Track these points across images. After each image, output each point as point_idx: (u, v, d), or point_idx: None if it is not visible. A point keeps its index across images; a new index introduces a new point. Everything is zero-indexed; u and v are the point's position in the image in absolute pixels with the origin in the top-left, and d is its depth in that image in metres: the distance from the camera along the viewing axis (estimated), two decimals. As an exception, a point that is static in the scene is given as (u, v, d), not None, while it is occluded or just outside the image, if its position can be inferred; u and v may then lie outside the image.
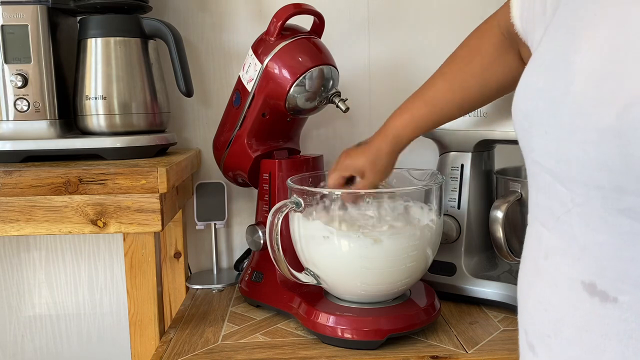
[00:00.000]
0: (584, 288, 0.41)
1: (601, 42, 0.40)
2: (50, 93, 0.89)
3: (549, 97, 0.42)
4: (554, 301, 0.44)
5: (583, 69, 0.40)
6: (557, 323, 0.44)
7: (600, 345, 0.40)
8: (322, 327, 0.79)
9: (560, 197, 0.42)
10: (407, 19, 1.13)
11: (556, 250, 0.44)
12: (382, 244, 0.75)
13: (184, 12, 1.11)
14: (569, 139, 0.39)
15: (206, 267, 1.17)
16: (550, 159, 0.42)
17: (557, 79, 0.42)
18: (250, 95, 0.91)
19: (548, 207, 0.45)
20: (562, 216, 0.43)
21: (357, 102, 1.12)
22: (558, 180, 0.42)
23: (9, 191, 0.77)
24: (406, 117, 0.77)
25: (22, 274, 1.17)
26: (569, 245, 0.42)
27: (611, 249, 0.39)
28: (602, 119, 0.37)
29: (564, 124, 0.40)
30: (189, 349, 0.80)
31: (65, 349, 1.19)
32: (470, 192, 0.93)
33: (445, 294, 0.93)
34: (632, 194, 0.36)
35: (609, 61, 0.38)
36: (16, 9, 0.86)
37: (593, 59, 0.39)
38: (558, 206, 0.43)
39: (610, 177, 0.37)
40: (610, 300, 0.39)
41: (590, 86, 0.38)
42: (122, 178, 0.78)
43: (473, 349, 0.77)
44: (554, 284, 0.44)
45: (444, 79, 0.76)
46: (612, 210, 0.38)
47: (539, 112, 0.43)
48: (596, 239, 0.40)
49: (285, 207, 0.76)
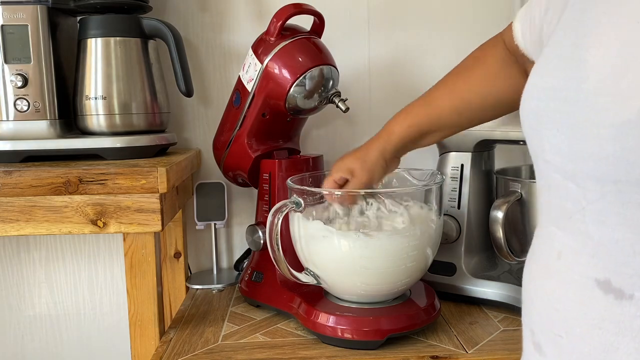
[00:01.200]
0: (598, 286, 0.41)
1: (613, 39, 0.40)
2: (50, 93, 0.89)
3: (560, 96, 0.42)
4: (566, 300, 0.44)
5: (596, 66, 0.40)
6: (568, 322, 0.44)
7: (614, 342, 0.40)
8: (322, 327, 0.79)
9: (573, 196, 0.42)
10: (407, 19, 1.13)
11: (569, 249, 0.44)
12: (382, 244, 0.75)
13: (184, 12, 1.11)
14: (583, 136, 0.39)
15: (206, 267, 1.17)
16: (562, 158, 0.42)
17: (568, 77, 0.42)
18: (250, 95, 0.91)
19: (560, 207, 0.45)
20: (575, 215, 0.43)
21: (357, 102, 1.12)
22: (570, 179, 0.42)
23: (9, 191, 0.77)
24: (401, 115, 0.77)
25: (22, 274, 1.17)
26: (583, 243, 0.42)
27: (628, 244, 0.39)
28: (619, 114, 0.37)
29: (578, 121, 0.40)
30: (189, 349, 0.80)
31: (65, 349, 1.19)
32: (470, 192, 0.93)
33: (445, 294, 0.93)
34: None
35: (623, 57, 0.38)
36: (16, 9, 0.86)
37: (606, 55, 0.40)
38: (570, 205, 0.43)
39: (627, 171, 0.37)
40: (626, 298, 0.39)
41: (606, 83, 0.39)
42: (122, 178, 0.78)
43: (473, 349, 0.77)
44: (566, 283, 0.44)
45: (445, 84, 0.76)
46: (627, 205, 0.38)
47: (550, 112, 0.43)
48: (612, 235, 0.40)
49: (285, 207, 0.76)
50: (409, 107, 0.77)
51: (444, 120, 0.76)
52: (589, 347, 0.42)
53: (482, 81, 0.73)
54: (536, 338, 0.48)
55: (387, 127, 0.77)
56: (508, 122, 0.87)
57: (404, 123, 0.76)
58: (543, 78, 0.46)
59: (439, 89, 0.76)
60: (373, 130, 0.81)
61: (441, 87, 0.76)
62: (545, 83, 0.45)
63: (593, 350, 0.42)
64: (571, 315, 0.44)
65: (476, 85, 0.73)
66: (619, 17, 0.40)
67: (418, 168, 0.90)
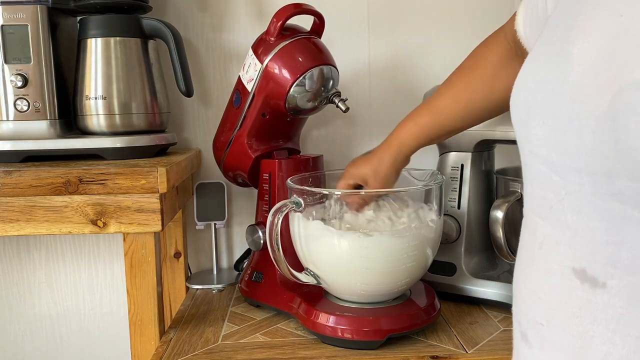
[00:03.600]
0: (575, 275, 0.42)
1: (598, 32, 0.41)
2: (50, 93, 0.89)
3: (547, 89, 0.43)
4: (547, 289, 0.45)
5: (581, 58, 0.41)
6: (549, 311, 0.45)
7: (590, 331, 0.41)
8: (322, 327, 0.79)
9: (554, 186, 0.43)
10: (407, 19, 1.13)
11: (550, 239, 0.45)
12: (382, 244, 0.76)
13: (184, 12, 1.11)
14: (566, 127, 0.40)
15: (206, 267, 1.17)
16: (546, 149, 0.43)
17: (555, 70, 0.43)
18: (250, 95, 0.91)
19: (542, 197, 0.46)
20: (555, 205, 0.44)
21: (357, 102, 1.12)
22: (553, 170, 0.43)
23: (9, 191, 0.77)
24: (410, 125, 0.78)
25: (22, 274, 1.17)
26: (562, 233, 0.43)
27: (601, 233, 0.40)
28: (598, 107, 0.38)
29: (562, 113, 0.41)
30: (189, 349, 0.80)
31: (65, 349, 1.19)
32: (470, 192, 0.93)
33: (445, 294, 0.93)
34: (623, 178, 0.37)
35: (605, 50, 0.39)
36: (16, 9, 0.86)
37: (590, 49, 0.40)
38: (552, 195, 0.44)
39: (603, 162, 0.38)
40: (599, 286, 0.40)
41: (588, 75, 0.40)
42: (122, 178, 0.78)
43: (473, 349, 0.77)
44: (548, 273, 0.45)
45: (448, 88, 0.76)
46: (603, 195, 0.39)
47: (538, 104, 0.44)
48: (587, 224, 0.41)
49: (285, 207, 0.76)
50: (416, 116, 0.78)
51: (449, 127, 0.77)
52: (569, 336, 0.43)
53: (484, 82, 0.73)
54: (523, 328, 0.49)
55: (397, 137, 0.78)
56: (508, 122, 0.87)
57: (412, 136, 0.77)
58: (533, 71, 0.46)
59: (443, 96, 0.76)
60: (373, 130, 0.81)
61: (444, 94, 0.76)
62: (534, 75, 0.46)
63: (572, 339, 0.43)
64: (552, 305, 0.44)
65: (478, 88, 0.74)
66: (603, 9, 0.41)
67: (418, 168, 0.90)
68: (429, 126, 0.77)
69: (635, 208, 0.37)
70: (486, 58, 0.74)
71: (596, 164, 0.39)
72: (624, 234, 0.39)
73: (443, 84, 0.77)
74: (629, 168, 0.36)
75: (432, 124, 0.77)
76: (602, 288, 0.40)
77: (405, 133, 0.78)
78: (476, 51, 0.76)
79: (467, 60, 0.76)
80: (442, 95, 0.76)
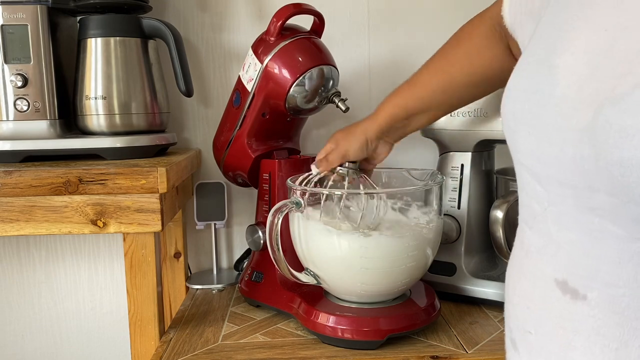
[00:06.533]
0: (557, 285, 0.42)
1: (582, 45, 0.40)
2: (50, 93, 0.89)
3: (534, 99, 0.43)
4: (535, 298, 0.46)
5: (566, 71, 0.41)
6: (537, 320, 0.45)
7: (572, 341, 0.41)
8: (322, 327, 0.79)
9: (539, 197, 0.44)
10: (407, 19, 1.13)
11: (535, 248, 0.46)
12: (382, 244, 0.76)
13: (184, 12, 1.11)
14: (549, 140, 0.41)
15: (206, 267, 1.17)
16: (531, 159, 0.44)
17: (541, 82, 0.43)
18: (250, 95, 0.91)
19: (529, 206, 0.46)
20: (539, 215, 0.44)
21: (357, 102, 1.12)
22: (537, 180, 0.44)
23: (9, 191, 0.77)
24: (388, 97, 0.79)
25: (22, 274, 1.17)
26: (546, 243, 0.44)
27: (581, 246, 0.40)
28: (580, 121, 0.38)
29: (547, 125, 0.41)
30: (189, 349, 0.80)
31: (65, 349, 1.19)
32: (470, 192, 0.93)
33: (445, 294, 0.93)
34: (603, 192, 0.37)
35: (588, 65, 0.39)
36: (16, 9, 0.86)
37: (574, 62, 0.40)
38: (537, 205, 0.45)
39: (584, 177, 0.38)
40: (580, 298, 0.41)
41: (572, 89, 0.40)
42: (122, 178, 0.78)
43: (473, 349, 0.77)
44: (534, 282, 0.45)
45: (430, 64, 0.77)
46: (583, 209, 0.39)
47: (525, 113, 0.44)
48: (568, 237, 0.41)
49: (285, 207, 0.76)
50: (396, 89, 0.79)
51: (430, 99, 0.76)
52: (554, 345, 0.43)
53: (466, 58, 0.74)
54: (513, 335, 0.50)
55: (376, 109, 0.80)
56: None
57: (389, 103, 0.78)
58: (522, 80, 0.46)
59: (424, 68, 0.77)
60: (373, 130, 0.81)
61: (426, 67, 0.77)
62: (522, 84, 0.46)
63: (557, 349, 0.43)
64: (539, 314, 0.45)
65: (460, 62, 0.74)
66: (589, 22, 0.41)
67: (418, 168, 0.90)
68: (406, 95, 0.77)
69: (614, 223, 0.38)
70: (471, 35, 0.74)
71: (577, 178, 0.39)
72: (602, 249, 0.39)
73: (426, 61, 0.78)
74: (607, 183, 0.36)
75: (409, 94, 0.77)
76: (583, 300, 0.40)
77: (382, 103, 0.79)
78: (461, 30, 0.76)
79: (451, 40, 0.76)
80: (424, 69, 0.77)
